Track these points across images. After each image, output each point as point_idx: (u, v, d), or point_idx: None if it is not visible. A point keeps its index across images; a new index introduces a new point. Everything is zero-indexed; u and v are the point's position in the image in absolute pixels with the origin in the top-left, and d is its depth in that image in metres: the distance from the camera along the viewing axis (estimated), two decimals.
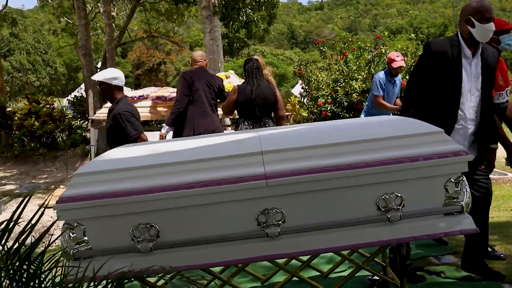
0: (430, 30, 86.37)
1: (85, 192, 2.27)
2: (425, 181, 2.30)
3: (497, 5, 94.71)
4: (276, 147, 2.34)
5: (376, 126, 2.50)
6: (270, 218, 2.25)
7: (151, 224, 2.26)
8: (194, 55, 5.47)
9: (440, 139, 2.36)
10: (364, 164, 2.26)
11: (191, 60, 5.46)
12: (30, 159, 11.99)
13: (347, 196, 2.27)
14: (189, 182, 2.25)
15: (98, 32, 17.67)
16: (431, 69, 3.14)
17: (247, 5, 10.93)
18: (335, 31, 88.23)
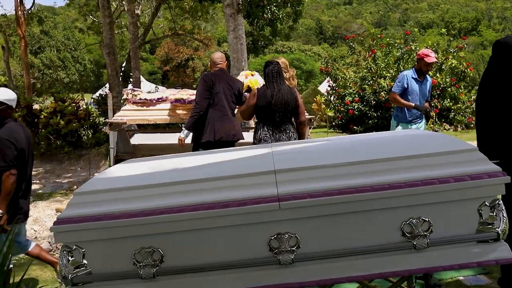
0: (462, 25, 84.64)
1: (85, 212, 2.12)
2: (456, 205, 2.07)
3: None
4: (290, 166, 2.14)
5: (402, 142, 2.27)
6: (283, 243, 2.06)
7: (154, 248, 2.10)
8: (213, 57, 5.24)
9: (474, 157, 2.12)
10: (388, 185, 2.04)
11: (210, 62, 5.23)
12: (56, 158, 12.04)
13: (368, 221, 2.06)
14: (195, 203, 2.08)
15: (123, 30, 17.70)
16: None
17: (272, 2, 10.71)
18: (364, 26, 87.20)
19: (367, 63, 14.74)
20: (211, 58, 5.28)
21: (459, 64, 14.25)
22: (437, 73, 13.98)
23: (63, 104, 12.15)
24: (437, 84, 13.62)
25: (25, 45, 14.47)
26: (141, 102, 5.55)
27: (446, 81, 13.88)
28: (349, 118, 14.71)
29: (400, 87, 5.49)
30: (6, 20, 16.21)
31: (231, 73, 9.64)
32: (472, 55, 56.49)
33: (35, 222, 5.39)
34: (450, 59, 14.11)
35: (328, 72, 15.84)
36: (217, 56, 5.22)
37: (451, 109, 13.99)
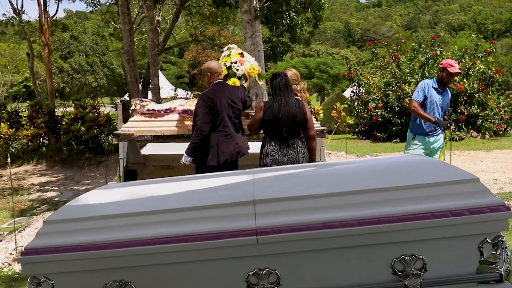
0: (495, 26, 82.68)
1: (53, 243, 2.00)
2: (454, 242, 1.89)
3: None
4: (271, 196, 1.98)
5: (396, 170, 2.08)
6: (262, 279, 1.90)
7: (125, 281, 1.96)
8: (212, 67, 4.73)
9: (475, 189, 1.92)
10: (377, 220, 1.86)
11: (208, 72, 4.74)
12: (76, 164, 12.12)
13: (354, 257, 1.89)
14: (168, 235, 1.93)
15: (144, 36, 17.79)
16: None
17: (291, 7, 10.53)
18: (393, 28, 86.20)
19: (391, 68, 14.42)
20: (208, 68, 4.79)
21: (487, 69, 13.79)
22: (464, 78, 13.57)
23: (84, 110, 12.24)
24: (464, 90, 13.22)
25: (48, 51, 14.65)
26: (149, 113, 5.44)
27: (474, 87, 13.45)
28: (373, 124, 14.41)
29: (421, 95, 5.23)
30: (31, 27, 16.48)
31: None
32: (505, 58, 55.07)
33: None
34: (478, 64, 13.67)
35: (351, 78, 15.57)
36: (216, 66, 4.80)
37: (479, 116, 13.55)
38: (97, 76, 46.68)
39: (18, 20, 15.48)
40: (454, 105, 13.30)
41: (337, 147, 12.37)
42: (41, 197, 8.79)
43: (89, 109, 12.33)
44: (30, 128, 12.77)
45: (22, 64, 47.78)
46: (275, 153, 4.30)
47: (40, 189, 9.67)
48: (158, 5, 12.91)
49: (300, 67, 37.18)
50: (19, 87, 51.17)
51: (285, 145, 4.28)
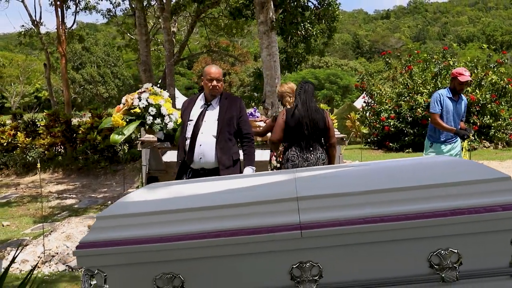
0: (504, 38, 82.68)
1: (107, 237, 2.12)
2: (488, 236, 1.98)
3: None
4: (313, 193, 2.09)
5: (429, 170, 2.19)
6: (305, 272, 2.01)
7: (175, 274, 2.08)
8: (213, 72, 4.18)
9: (506, 187, 2.02)
10: (415, 215, 1.97)
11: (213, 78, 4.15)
12: (92, 172, 12.29)
13: (393, 251, 1.99)
14: (216, 229, 2.05)
15: (160, 47, 18.04)
16: None
17: (306, 19, 10.70)
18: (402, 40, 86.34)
19: (403, 78, 14.52)
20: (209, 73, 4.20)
21: (499, 80, 13.86)
22: (476, 89, 13.65)
23: (100, 120, 12.42)
24: (476, 100, 13.29)
25: (65, 62, 14.92)
26: None
27: (486, 97, 13.51)
28: (385, 134, 14.49)
29: (438, 107, 5.34)
30: (48, 38, 16.80)
31: (264, 91, 9.64)
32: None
33: (67, 238, 5.47)
34: (490, 75, 13.75)
35: (364, 88, 15.68)
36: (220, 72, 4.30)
37: (491, 126, 13.60)
38: (108, 87, 47.16)
39: (37, 31, 15.83)
40: (467, 115, 13.37)
41: (351, 157, 12.46)
42: (60, 204, 8.94)
43: (105, 118, 12.52)
44: (47, 137, 12.97)
45: (34, 75, 48.43)
46: (296, 158, 4.39)
47: (59, 197, 9.82)
48: (174, 16, 13.16)
49: (310, 78, 37.38)
50: (31, 97, 51.81)
51: (306, 150, 4.38)
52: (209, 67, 4.25)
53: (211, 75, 4.14)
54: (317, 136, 4.42)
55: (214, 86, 4.12)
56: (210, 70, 4.19)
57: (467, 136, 5.33)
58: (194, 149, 4.02)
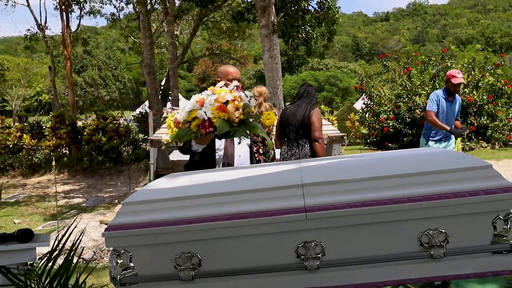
0: (503, 40, 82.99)
1: (132, 220, 2.37)
2: (471, 218, 2.22)
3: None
4: (316, 180, 2.34)
5: (420, 159, 2.44)
6: (309, 251, 2.25)
7: (193, 253, 2.32)
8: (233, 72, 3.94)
9: (488, 174, 2.27)
10: (407, 199, 2.22)
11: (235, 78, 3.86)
12: (97, 173, 12.54)
13: (388, 231, 2.24)
14: (230, 213, 2.30)
15: (163, 50, 18.32)
16: None
17: (306, 22, 10.96)
18: (401, 42, 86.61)
19: (402, 80, 14.79)
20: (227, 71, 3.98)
21: (496, 81, 14.12)
22: (473, 90, 13.91)
23: (105, 121, 12.70)
24: (473, 101, 13.54)
25: (70, 65, 15.20)
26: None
27: (483, 99, 13.77)
28: (384, 135, 14.73)
29: (435, 105, 5.63)
30: (53, 41, 17.09)
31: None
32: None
33: (80, 233, 5.71)
34: (487, 76, 14.01)
35: (363, 90, 15.95)
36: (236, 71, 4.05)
37: (488, 127, 13.85)
38: (109, 90, 47.47)
39: (42, 35, 16.12)
40: (464, 116, 13.64)
41: None
42: (68, 203, 9.19)
43: (109, 120, 12.78)
44: (52, 139, 13.24)
45: (35, 78, 48.70)
46: (285, 153, 4.74)
47: (66, 196, 10.07)
48: (177, 20, 13.43)
49: (310, 80, 37.65)
50: (31, 101, 52.04)
51: (294, 146, 4.71)
52: (227, 67, 3.99)
53: (232, 75, 3.86)
54: (301, 133, 4.71)
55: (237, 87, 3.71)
56: (229, 70, 3.92)
57: (461, 134, 5.60)
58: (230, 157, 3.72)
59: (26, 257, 2.28)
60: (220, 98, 2.93)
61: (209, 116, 2.87)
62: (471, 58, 15.26)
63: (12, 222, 7.54)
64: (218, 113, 2.87)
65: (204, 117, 2.86)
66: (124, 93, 49.66)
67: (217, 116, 2.86)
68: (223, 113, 2.89)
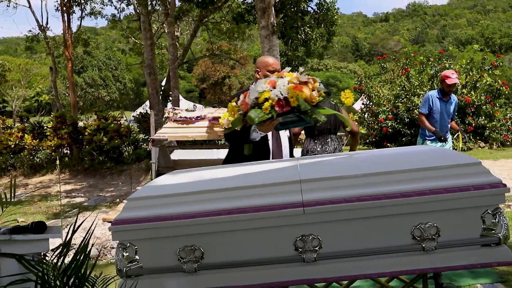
0: (503, 40, 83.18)
1: (137, 215, 2.48)
2: (461, 212, 2.33)
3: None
4: (313, 176, 2.45)
5: (414, 156, 2.55)
6: (307, 244, 2.36)
7: (196, 246, 2.43)
8: (273, 62, 3.70)
9: (477, 170, 2.38)
10: (400, 194, 2.32)
11: (275, 69, 3.62)
12: (98, 172, 12.64)
13: (382, 225, 2.34)
14: (230, 208, 2.40)
15: (163, 50, 18.45)
16: None
17: (305, 23, 11.08)
18: (401, 43, 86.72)
19: (400, 81, 14.90)
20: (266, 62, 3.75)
21: (494, 82, 14.23)
22: (471, 91, 14.02)
23: (106, 121, 12.80)
24: (471, 101, 13.66)
25: (71, 66, 15.32)
26: (181, 120, 5.96)
27: (481, 99, 13.88)
28: (383, 135, 14.84)
29: (426, 107, 5.77)
30: (54, 42, 17.21)
31: None
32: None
33: (84, 230, 5.82)
34: (485, 77, 14.13)
35: (362, 90, 16.05)
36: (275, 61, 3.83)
37: (486, 127, 13.97)
38: (109, 90, 47.61)
39: (43, 36, 16.25)
40: (462, 116, 13.75)
41: None
42: (70, 203, 9.30)
43: (110, 120, 12.89)
44: (54, 139, 13.35)
45: (35, 79, 48.80)
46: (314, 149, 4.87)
47: (68, 196, 10.18)
48: (178, 21, 13.56)
49: None
50: (31, 101, 52.15)
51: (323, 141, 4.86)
52: (266, 58, 3.79)
53: (272, 66, 3.65)
54: (335, 129, 4.88)
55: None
56: (269, 60, 3.71)
57: (441, 137, 5.71)
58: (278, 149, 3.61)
59: (40, 247, 2.39)
60: (294, 79, 2.83)
61: (285, 95, 2.76)
62: (469, 59, 15.37)
63: (15, 220, 7.65)
64: (295, 92, 2.75)
65: (280, 97, 2.75)
66: (124, 93, 49.79)
67: (294, 95, 2.74)
68: (301, 92, 2.76)
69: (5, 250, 2.12)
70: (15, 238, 2.31)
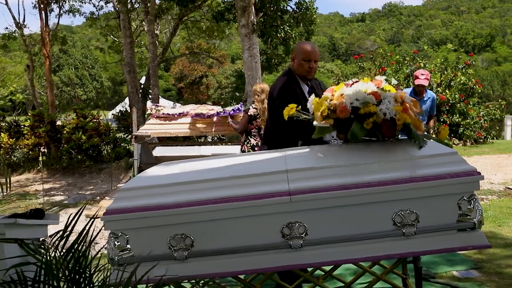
0: (476, 41, 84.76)
1: (129, 205, 2.55)
2: (439, 199, 2.46)
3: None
4: (299, 166, 2.56)
5: (392, 148, 2.67)
6: (293, 231, 2.46)
7: (186, 234, 2.51)
8: (311, 50, 3.52)
9: (454, 160, 2.52)
10: (382, 182, 2.44)
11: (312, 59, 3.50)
12: (77, 171, 12.56)
13: (364, 212, 2.46)
14: (220, 197, 2.49)
15: (142, 49, 18.39)
16: None
17: (285, 22, 11.21)
18: (377, 43, 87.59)
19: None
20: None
21: (468, 81, 14.58)
22: (446, 89, 14.34)
23: (85, 120, 12.72)
24: (446, 100, 13.97)
25: (49, 64, 15.16)
26: (164, 116, 6.02)
27: (455, 97, 14.21)
28: None
29: None
30: (32, 40, 17.00)
31: (245, 90, 10.11)
32: (486, 72, 56.47)
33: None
34: (459, 76, 14.46)
35: None
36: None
37: (460, 124, 14.30)
38: (86, 89, 47.04)
39: (20, 33, 16.04)
40: (437, 114, 14.06)
41: None
42: (49, 201, 9.23)
43: (89, 118, 12.82)
44: (31, 138, 13.21)
45: (9, 78, 47.87)
46: None
47: (47, 194, 10.10)
48: (157, 19, 13.55)
49: None
50: (5, 100, 51.19)
51: None
52: (305, 44, 3.59)
53: (309, 55, 3.48)
54: None
55: (311, 68, 3.51)
56: (307, 48, 3.52)
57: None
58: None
59: (39, 233, 2.45)
60: (398, 97, 2.60)
61: (392, 115, 2.54)
62: (443, 58, 15.71)
63: None
64: (404, 116, 2.54)
65: (388, 116, 2.54)
66: (101, 92, 49.26)
67: (402, 119, 2.54)
68: (407, 116, 2.56)
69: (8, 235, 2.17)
70: (20, 222, 2.39)
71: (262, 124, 5.65)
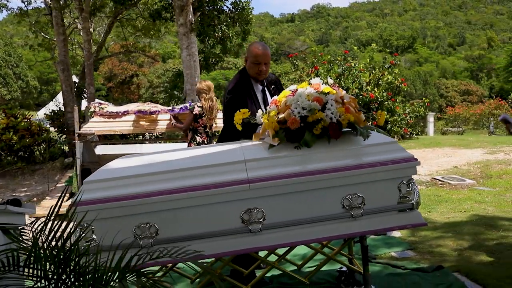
0: (399, 42, 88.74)
1: (93, 197, 2.64)
2: (382, 183, 2.74)
3: (463, 18, 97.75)
4: (256, 156, 2.76)
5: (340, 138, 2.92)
6: (252, 216, 2.66)
7: (150, 223, 2.64)
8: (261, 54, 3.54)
9: (394, 148, 2.81)
10: (331, 169, 2.69)
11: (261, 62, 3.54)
12: (8, 173, 12.08)
13: (316, 197, 2.70)
14: (182, 187, 2.65)
15: (75, 47, 17.92)
16: None
17: (222, 22, 11.38)
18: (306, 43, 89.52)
19: (310, 78, 15.63)
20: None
21: (394, 80, 15.37)
22: (375, 87, 15.06)
23: (16, 120, 12.26)
24: (375, 98, 14.67)
25: None
26: (107, 114, 6.02)
27: (383, 95, 14.95)
28: None
29: None
30: None
31: (184, 89, 10.19)
32: (408, 71, 59.26)
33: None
34: (386, 75, 15.23)
35: None
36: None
37: (388, 121, 15.06)
38: (10, 89, 44.84)
39: None
40: (367, 111, 14.73)
41: None
42: None
43: (20, 118, 12.37)
44: None
45: None
46: None
47: None
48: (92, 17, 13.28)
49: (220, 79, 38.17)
50: None
51: None
52: (256, 47, 3.58)
53: (258, 59, 3.51)
54: None
55: (261, 71, 3.54)
56: (257, 51, 3.53)
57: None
58: None
59: (17, 220, 2.49)
60: (338, 98, 2.81)
61: (337, 118, 2.74)
62: (369, 57, 16.49)
63: None
64: (347, 115, 2.75)
65: (334, 120, 2.74)
66: (27, 92, 47.16)
67: (346, 118, 2.74)
68: (350, 115, 2.77)
69: None
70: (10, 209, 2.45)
71: (208, 122, 5.82)
